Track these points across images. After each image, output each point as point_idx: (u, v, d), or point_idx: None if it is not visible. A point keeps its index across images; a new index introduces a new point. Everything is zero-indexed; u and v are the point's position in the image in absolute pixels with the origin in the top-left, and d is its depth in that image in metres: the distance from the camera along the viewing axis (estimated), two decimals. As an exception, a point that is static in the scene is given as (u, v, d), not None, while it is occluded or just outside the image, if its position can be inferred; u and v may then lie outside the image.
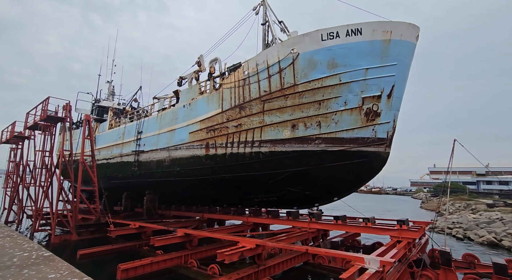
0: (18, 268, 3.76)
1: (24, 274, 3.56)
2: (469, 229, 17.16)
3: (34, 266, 3.84)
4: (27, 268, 3.78)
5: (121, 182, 18.40)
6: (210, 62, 13.65)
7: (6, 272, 3.58)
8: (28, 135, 19.18)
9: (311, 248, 7.49)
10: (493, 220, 18.52)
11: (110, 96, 29.33)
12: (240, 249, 7.60)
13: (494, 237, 15.22)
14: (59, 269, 3.72)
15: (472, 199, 31.88)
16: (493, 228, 16.58)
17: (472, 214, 21.16)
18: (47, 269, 3.72)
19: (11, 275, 3.47)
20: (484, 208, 24.30)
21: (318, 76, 10.09)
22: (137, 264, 8.56)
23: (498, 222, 17.84)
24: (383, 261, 5.61)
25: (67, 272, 3.57)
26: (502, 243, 14.70)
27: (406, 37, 9.92)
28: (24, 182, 18.72)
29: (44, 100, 14.01)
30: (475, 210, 25.02)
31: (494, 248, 14.79)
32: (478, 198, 36.29)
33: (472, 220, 18.75)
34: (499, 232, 15.64)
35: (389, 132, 10.27)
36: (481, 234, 15.75)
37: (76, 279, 3.32)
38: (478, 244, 15.40)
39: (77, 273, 3.51)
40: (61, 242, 13.15)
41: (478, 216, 20.29)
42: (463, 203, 28.74)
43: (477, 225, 17.10)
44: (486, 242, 15.16)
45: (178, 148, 14.06)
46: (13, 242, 5.36)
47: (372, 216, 10.61)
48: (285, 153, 10.86)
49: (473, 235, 16.16)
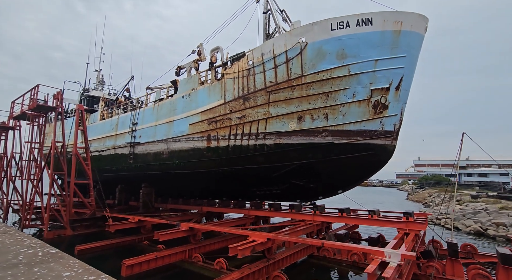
0: (27, 266, 3.43)
1: (35, 272, 3.24)
2: (456, 219, 17.89)
3: (44, 264, 3.51)
4: (37, 266, 3.45)
5: (115, 175, 17.76)
6: (211, 52, 13.12)
7: (15, 270, 3.25)
8: (13, 125, 18.12)
9: (327, 242, 7.42)
10: (479, 211, 19.44)
11: (100, 86, 28.12)
12: (252, 243, 7.43)
13: (480, 227, 15.97)
14: (72, 266, 3.41)
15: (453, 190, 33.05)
16: (478, 218, 17.42)
17: (459, 205, 22.05)
18: (59, 267, 3.39)
19: (22, 274, 3.16)
20: (469, 199, 25.42)
21: (326, 67, 9.85)
22: (141, 259, 8.25)
23: (483, 213, 18.74)
24: (404, 254, 5.56)
25: (82, 269, 3.28)
26: (488, 232, 15.40)
27: (415, 29, 9.78)
28: (10, 175, 17.76)
29: (33, 88, 13.11)
30: (460, 201, 26.00)
31: (480, 237, 15.40)
32: (460, 189, 37.63)
33: (459, 211, 19.57)
34: (484, 222, 16.38)
35: (396, 125, 10.23)
36: (468, 223, 16.52)
37: (93, 277, 3.02)
38: (466, 233, 16.05)
39: (93, 271, 3.23)
40: (54, 238, 12.59)
41: (464, 206, 21.21)
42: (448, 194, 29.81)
43: (464, 215, 17.90)
44: (473, 231, 15.85)
45: (177, 140, 13.59)
46: (12, 238, 4.95)
47: (377, 208, 10.67)
48: (290, 145, 10.65)
49: (461, 225, 16.85)
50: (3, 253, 4.13)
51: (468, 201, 23.63)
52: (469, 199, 25.28)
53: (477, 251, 10.67)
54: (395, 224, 9.34)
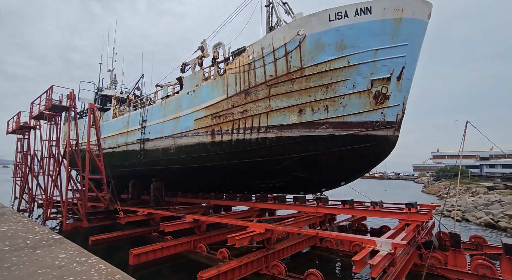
0: (32, 249, 3.86)
1: (37, 254, 3.67)
2: (467, 211, 17.41)
3: (46, 248, 3.92)
4: (40, 249, 3.88)
5: (127, 170, 18.54)
6: (213, 47, 13.30)
7: (21, 252, 3.70)
8: (33, 125, 19.24)
9: (321, 232, 7.53)
10: (492, 202, 18.78)
11: (113, 85, 29.10)
12: (250, 233, 7.67)
13: (491, 219, 15.49)
14: (69, 250, 3.79)
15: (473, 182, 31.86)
16: (491, 210, 16.85)
17: (472, 197, 21.32)
18: (58, 250, 3.80)
19: (25, 255, 3.58)
20: (484, 190, 24.46)
21: (325, 59, 9.79)
22: (148, 249, 8.71)
23: (496, 204, 18.09)
24: (395, 243, 5.61)
25: (76, 252, 3.64)
26: (499, 224, 14.93)
27: (418, 15, 9.49)
28: (33, 172, 18.97)
29: (48, 89, 13.89)
30: (474, 193, 25.16)
31: (490, 229, 15.01)
32: (479, 181, 36.21)
33: (471, 203, 18.98)
34: (497, 214, 15.88)
35: (398, 115, 10.05)
36: (479, 215, 16.05)
37: (85, 258, 3.36)
38: (476, 225, 15.67)
39: (86, 253, 3.57)
40: (72, 229, 13.44)
41: (477, 198, 20.55)
42: (464, 186, 28.78)
43: (475, 207, 17.36)
44: (483, 223, 15.42)
45: (184, 135, 14.00)
46: (25, 227, 5.46)
47: (380, 199, 10.60)
48: (292, 138, 10.73)
49: (471, 217, 16.42)
50: (14, 238, 4.60)
51: (482, 193, 22.74)
52: (485, 190, 24.32)
53: (486, 243, 10.44)
54: (397, 215, 9.28)
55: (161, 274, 9.10)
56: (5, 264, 3.32)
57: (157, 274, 9.00)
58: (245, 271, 7.31)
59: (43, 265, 3.33)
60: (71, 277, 2.97)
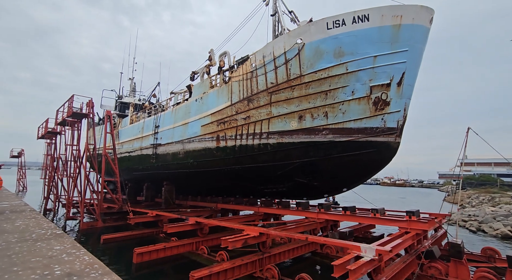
0: (34, 241, 4.36)
1: (37, 245, 4.16)
2: (484, 221, 16.58)
3: (46, 241, 4.41)
4: (40, 241, 4.38)
5: (142, 174, 19.48)
6: (219, 56, 13.87)
7: (24, 244, 4.21)
8: (59, 131, 20.82)
9: (310, 237, 7.61)
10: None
11: (132, 93, 30.75)
12: (244, 236, 7.90)
13: (509, 230, 14.63)
14: (65, 243, 4.26)
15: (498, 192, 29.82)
16: (510, 221, 15.83)
17: (492, 207, 20.06)
18: (55, 243, 4.28)
19: (27, 246, 4.09)
20: (509, 200, 22.88)
21: (324, 66, 9.95)
22: (151, 248, 9.20)
23: None
24: (379, 250, 5.61)
25: (70, 245, 4.09)
26: None
27: (418, 21, 9.43)
28: (58, 174, 20.47)
29: (69, 98, 15.13)
30: (495, 202, 23.64)
31: (507, 240, 14.19)
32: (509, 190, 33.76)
33: (490, 213, 17.92)
34: None
35: (399, 121, 9.94)
36: (496, 227, 15.18)
37: (75, 250, 3.79)
38: (492, 236, 14.90)
39: (77, 247, 4.00)
40: (88, 228, 14.36)
41: (497, 208, 19.33)
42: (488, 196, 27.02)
43: (494, 218, 16.38)
44: (500, 235, 14.65)
45: (191, 141, 14.58)
46: (36, 223, 6.06)
47: (382, 207, 10.43)
48: (292, 144, 10.91)
49: (488, 228, 15.63)
50: (23, 232, 5.21)
51: (504, 203, 21.24)
52: (509, 200, 22.71)
53: (500, 256, 9.88)
54: (397, 223, 9.11)
55: (163, 273, 9.53)
56: (8, 253, 3.85)
57: (159, 273, 9.44)
58: (238, 273, 7.54)
59: (37, 255, 3.82)
60: (57, 265, 3.41)
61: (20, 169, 39.27)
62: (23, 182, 38.31)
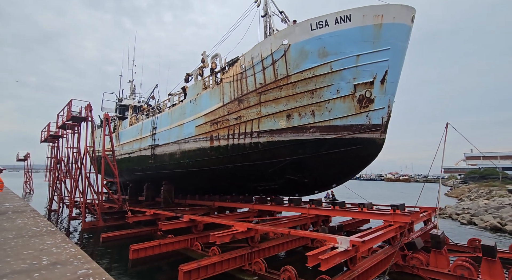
0: (28, 237, 4.81)
1: (31, 241, 4.59)
2: (476, 214, 16.89)
3: (40, 237, 4.85)
4: (34, 237, 4.82)
5: (141, 174, 20.00)
6: (211, 58, 14.23)
7: (19, 239, 4.65)
8: (61, 134, 21.42)
9: (293, 230, 7.96)
10: (504, 206, 18.12)
11: (132, 95, 31.28)
12: (233, 231, 8.28)
13: (498, 222, 15.04)
14: (56, 238, 4.69)
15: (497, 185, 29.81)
16: (501, 213, 16.33)
17: (486, 200, 20.28)
18: (47, 238, 4.71)
19: (22, 241, 4.53)
20: (504, 193, 23.08)
21: (309, 66, 10.26)
22: (146, 245, 9.63)
23: (508, 207, 17.55)
24: (353, 241, 5.94)
25: (60, 240, 4.51)
26: (506, 227, 14.47)
27: (399, 20, 9.67)
28: (61, 176, 21.10)
29: (68, 103, 15.65)
30: (490, 196, 23.85)
31: (495, 232, 14.63)
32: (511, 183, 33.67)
33: (483, 206, 18.23)
34: (505, 217, 15.39)
35: (384, 118, 10.21)
36: (486, 219, 15.60)
37: (64, 244, 4.21)
38: (481, 228, 15.28)
39: (67, 241, 4.41)
40: (90, 228, 14.89)
41: (490, 202, 19.64)
42: (486, 190, 27.09)
43: (486, 211, 16.74)
44: (489, 227, 15.03)
45: (187, 141, 15.01)
46: (34, 221, 6.52)
47: (370, 201, 10.73)
48: (282, 142, 11.25)
49: (478, 220, 15.98)
50: (21, 229, 5.66)
51: (498, 196, 21.34)
52: (505, 193, 22.78)
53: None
54: (382, 216, 9.42)
55: (159, 269, 9.95)
56: (4, 247, 4.28)
57: (155, 269, 9.87)
58: (227, 266, 7.93)
59: (30, 248, 4.26)
60: (46, 256, 3.83)
61: (27, 171, 40.25)
62: (29, 185, 39.25)
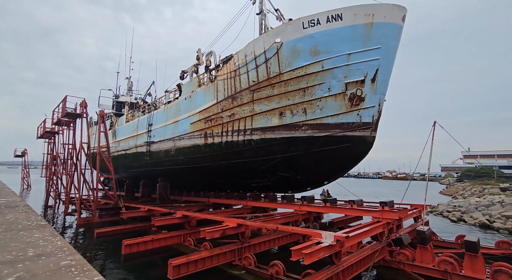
0: (17, 231, 4.91)
1: (20, 234, 4.70)
2: (466, 212, 17.19)
3: (29, 230, 4.95)
4: (23, 231, 4.93)
5: (137, 171, 20.10)
6: (206, 56, 14.28)
7: (9, 233, 4.75)
8: (57, 130, 21.45)
9: (280, 226, 8.11)
10: (493, 203, 18.51)
11: (129, 92, 31.26)
12: (223, 227, 8.42)
13: (487, 219, 15.33)
14: (45, 232, 4.80)
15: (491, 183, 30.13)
16: (490, 210, 16.67)
17: (477, 198, 20.58)
18: (36, 232, 4.82)
19: (11, 235, 4.63)
20: (495, 191, 23.39)
21: (301, 64, 10.35)
22: (139, 240, 9.75)
23: (497, 205, 17.87)
24: (337, 236, 6.09)
25: (48, 233, 4.63)
26: (494, 224, 14.74)
27: (390, 19, 9.75)
28: (56, 172, 21.17)
29: (63, 99, 15.68)
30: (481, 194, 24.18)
31: (483, 229, 14.90)
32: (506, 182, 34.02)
33: (474, 204, 18.55)
34: (494, 214, 15.68)
35: (374, 116, 10.33)
36: (476, 216, 15.92)
37: (51, 237, 4.33)
38: (471, 225, 15.56)
39: (55, 235, 4.53)
40: (85, 223, 15.01)
41: (481, 199, 19.99)
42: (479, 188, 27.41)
43: (476, 208, 17.08)
44: (478, 224, 15.34)
45: (182, 138, 15.10)
46: (25, 216, 6.64)
47: (360, 198, 10.90)
48: (274, 139, 11.37)
49: (468, 218, 16.29)
50: (11, 223, 5.76)
51: (489, 194, 21.64)
52: (497, 191, 23.08)
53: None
54: (370, 213, 9.58)
55: (151, 264, 10.11)
56: (-8, 240, 4.39)
57: (147, 263, 10.02)
58: (217, 261, 8.07)
59: (17, 241, 4.36)
60: (32, 248, 3.94)
61: (24, 168, 40.27)
62: (27, 181, 39.30)
